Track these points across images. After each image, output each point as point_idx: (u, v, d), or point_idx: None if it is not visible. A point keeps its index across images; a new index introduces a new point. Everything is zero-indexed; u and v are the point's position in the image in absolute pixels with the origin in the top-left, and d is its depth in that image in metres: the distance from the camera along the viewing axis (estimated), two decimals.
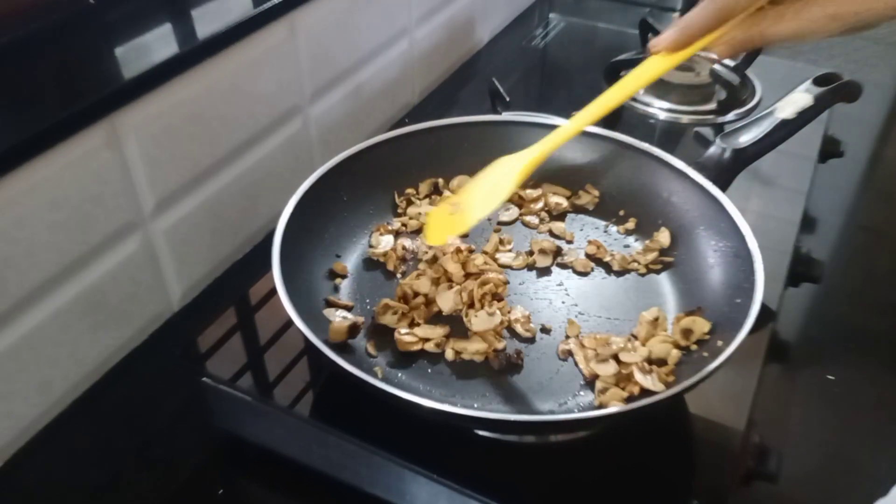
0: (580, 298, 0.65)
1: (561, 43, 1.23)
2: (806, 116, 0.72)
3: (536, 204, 0.74)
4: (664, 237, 0.69)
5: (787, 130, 0.72)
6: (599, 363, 0.57)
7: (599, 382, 0.56)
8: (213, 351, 0.61)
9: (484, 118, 0.77)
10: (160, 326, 0.73)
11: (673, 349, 0.58)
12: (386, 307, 0.62)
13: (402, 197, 0.74)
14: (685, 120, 0.99)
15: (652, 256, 0.67)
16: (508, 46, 1.23)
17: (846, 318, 0.77)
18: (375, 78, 0.96)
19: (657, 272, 0.67)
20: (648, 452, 0.56)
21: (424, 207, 0.74)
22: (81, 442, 0.64)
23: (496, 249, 0.70)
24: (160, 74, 0.65)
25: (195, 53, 0.68)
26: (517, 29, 1.28)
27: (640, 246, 0.70)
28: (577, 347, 0.60)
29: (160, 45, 0.68)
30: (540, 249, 0.69)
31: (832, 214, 0.91)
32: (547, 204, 0.75)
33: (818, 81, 0.74)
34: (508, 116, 0.86)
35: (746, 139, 0.72)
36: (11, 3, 0.64)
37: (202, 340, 0.62)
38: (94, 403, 0.66)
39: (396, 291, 0.64)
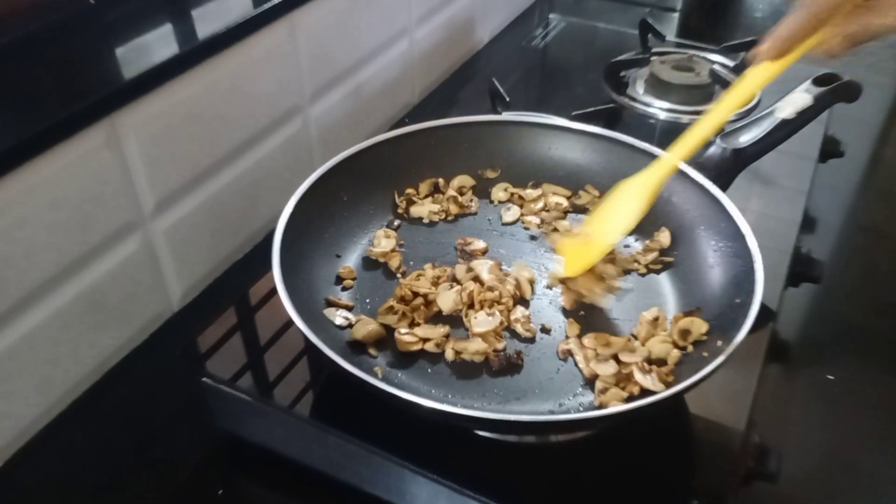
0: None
1: (561, 43, 1.23)
2: (806, 116, 0.72)
3: (536, 204, 0.74)
4: (664, 237, 0.69)
5: (787, 130, 0.72)
6: (599, 363, 0.57)
7: (599, 382, 0.57)
8: (213, 351, 0.61)
9: (484, 118, 0.77)
10: (160, 326, 0.73)
11: (672, 349, 0.58)
12: (388, 308, 0.62)
13: (402, 197, 0.74)
14: (685, 120, 0.98)
15: (652, 256, 0.67)
16: (508, 46, 1.23)
17: (846, 318, 0.77)
18: (375, 78, 0.96)
19: (657, 272, 0.67)
20: (648, 452, 0.56)
21: (427, 207, 0.74)
22: (81, 442, 0.64)
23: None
24: (160, 74, 0.65)
25: (195, 53, 0.68)
26: (517, 29, 1.28)
27: (640, 246, 0.70)
28: (577, 347, 0.60)
29: (160, 45, 0.68)
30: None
31: (832, 214, 0.91)
32: (547, 204, 0.75)
33: (818, 81, 0.74)
34: (508, 116, 0.86)
35: (746, 139, 0.72)
36: (11, 3, 0.64)
37: (202, 340, 0.62)
38: (94, 403, 0.66)
39: (396, 292, 0.64)
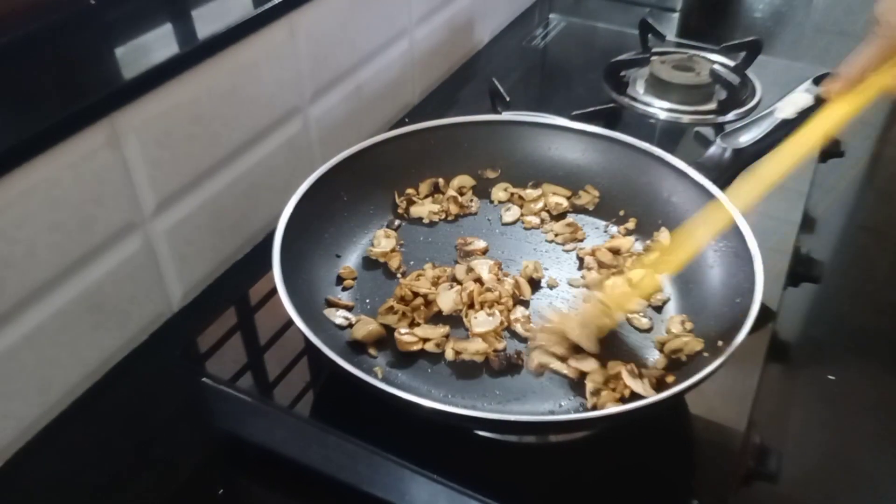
0: (580, 299, 0.65)
1: (561, 43, 1.23)
2: (806, 116, 0.72)
3: (536, 204, 0.74)
4: (664, 237, 0.69)
5: (787, 130, 0.72)
6: (578, 360, 0.57)
7: (589, 383, 0.56)
8: (213, 351, 0.61)
9: (484, 118, 0.77)
10: (160, 326, 0.73)
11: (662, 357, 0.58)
12: (388, 308, 0.62)
13: (402, 197, 0.74)
14: (685, 120, 0.99)
15: (653, 256, 0.67)
16: (508, 46, 1.23)
17: (846, 318, 0.77)
18: (375, 78, 0.96)
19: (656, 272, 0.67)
20: (648, 452, 0.56)
21: (427, 207, 0.74)
22: (81, 442, 0.64)
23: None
24: (160, 74, 0.65)
25: (195, 54, 0.68)
26: (517, 29, 1.28)
27: (640, 246, 0.70)
28: (544, 355, 0.59)
29: (160, 45, 0.68)
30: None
31: (832, 214, 0.91)
32: (547, 204, 0.75)
33: (818, 81, 0.74)
34: (508, 116, 0.86)
35: (746, 139, 0.72)
36: (11, 3, 0.64)
37: (202, 340, 0.62)
38: (94, 403, 0.66)
39: (396, 292, 0.64)
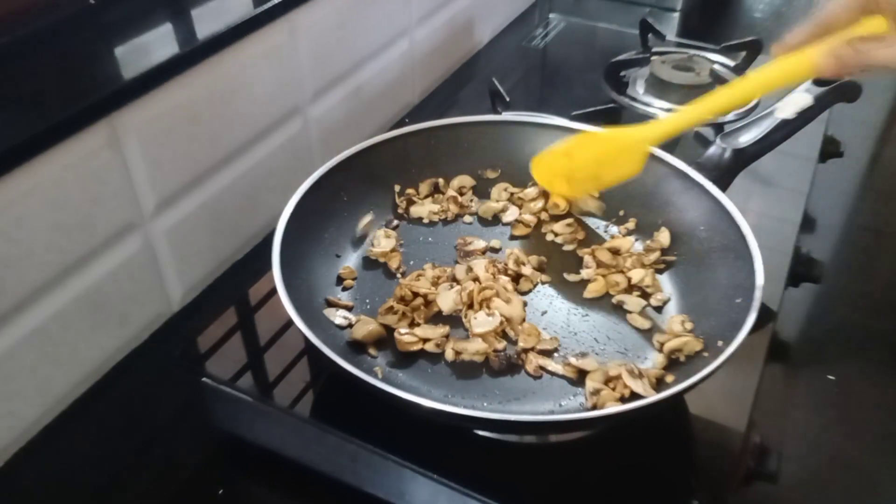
0: (581, 298, 0.66)
1: (561, 43, 1.23)
2: (806, 116, 0.72)
3: (536, 204, 0.74)
4: (664, 237, 0.69)
5: (787, 130, 0.72)
6: (577, 359, 0.58)
7: (589, 383, 0.56)
8: (213, 351, 0.61)
9: (484, 118, 0.77)
10: (160, 326, 0.73)
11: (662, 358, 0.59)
12: (388, 308, 0.62)
13: (402, 197, 0.74)
14: None
15: (654, 257, 0.67)
16: (508, 46, 1.23)
17: (846, 318, 0.77)
18: (375, 78, 0.96)
19: (658, 272, 0.67)
20: (648, 452, 0.56)
21: (427, 207, 0.74)
22: (81, 442, 0.64)
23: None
24: (160, 74, 0.65)
25: (195, 53, 0.68)
26: (517, 29, 1.28)
27: (640, 246, 0.70)
28: (540, 357, 0.59)
29: (160, 45, 0.68)
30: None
31: (832, 214, 0.91)
32: (547, 204, 0.75)
33: (818, 81, 0.74)
34: (508, 116, 0.86)
35: (746, 139, 0.72)
36: (11, 3, 0.64)
37: (202, 340, 0.62)
38: (94, 403, 0.66)
39: (396, 292, 0.64)
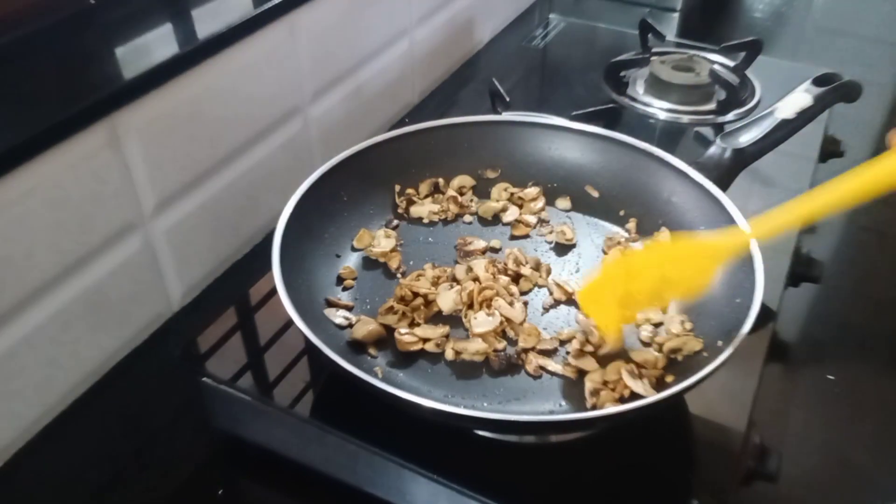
0: None
1: (561, 43, 1.23)
2: (806, 116, 0.72)
3: (536, 203, 0.74)
4: (664, 237, 0.69)
5: (787, 130, 0.72)
6: (575, 359, 0.58)
7: (589, 383, 0.56)
8: (213, 351, 0.61)
9: (484, 118, 0.77)
10: (160, 326, 0.73)
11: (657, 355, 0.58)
12: (388, 308, 0.62)
13: (402, 197, 0.74)
14: (685, 120, 0.99)
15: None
16: (508, 46, 1.23)
17: (846, 318, 0.77)
18: (375, 78, 0.96)
19: None
20: (648, 452, 0.56)
21: (427, 207, 0.74)
22: (82, 442, 0.64)
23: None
24: (160, 74, 0.65)
25: (195, 53, 0.68)
26: (517, 29, 1.28)
27: (640, 246, 0.70)
28: (539, 357, 0.59)
29: (160, 45, 0.68)
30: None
31: (832, 214, 0.91)
32: (546, 204, 0.75)
33: (818, 81, 0.74)
34: (508, 116, 0.86)
35: (746, 139, 0.72)
36: (11, 3, 0.64)
37: (202, 340, 0.62)
38: (94, 403, 0.66)
39: (396, 292, 0.64)
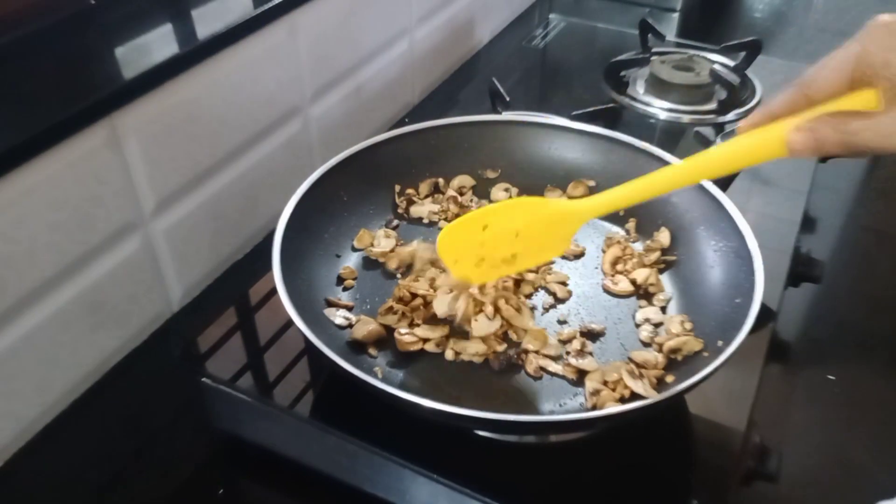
0: (582, 299, 0.66)
1: (561, 43, 1.23)
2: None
3: None
4: (664, 237, 0.69)
5: None
6: (576, 358, 0.58)
7: (589, 383, 0.56)
8: (213, 351, 0.61)
9: (484, 118, 0.77)
10: (160, 326, 0.73)
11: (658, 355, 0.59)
12: (387, 309, 0.62)
13: (402, 197, 0.74)
14: (685, 120, 0.99)
15: (654, 256, 0.67)
16: (508, 46, 1.23)
17: (846, 318, 0.77)
18: (375, 78, 0.96)
19: (658, 272, 0.67)
20: (648, 452, 0.56)
21: (427, 207, 0.74)
22: (81, 442, 0.64)
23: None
24: (160, 74, 0.65)
25: (195, 53, 0.68)
26: (517, 29, 1.28)
27: (640, 246, 0.70)
28: (541, 359, 0.59)
29: (160, 45, 0.68)
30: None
31: (832, 214, 0.91)
32: None
33: None
34: (508, 116, 0.86)
35: None
36: (11, 3, 0.64)
37: (202, 340, 0.62)
38: (94, 403, 0.66)
39: (395, 293, 0.64)
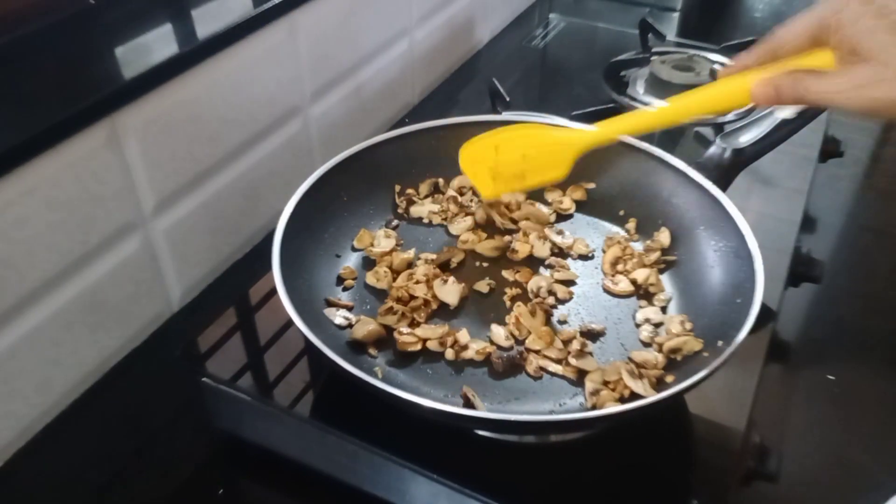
0: (582, 299, 0.66)
1: (561, 43, 1.23)
2: (806, 116, 0.72)
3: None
4: (664, 237, 0.69)
5: (787, 130, 0.72)
6: (576, 359, 0.58)
7: (589, 383, 0.56)
8: (213, 351, 0.61)
9: (484, 118, 0.77)
10: (160, 326, 0.73)
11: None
12: (387, 309, 0.62)
13: (402, 197, 0.74)
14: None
15: (654, 256, 0.67)
16: (508, 46, 1.23)
17: (846, 318, 0.77)
18: (375, 78, 0.96)
19: (658, 272, 0.67)
20: (648, 452, 0.56)
21: (427, 207, 0.74)
22: (81, 442, 0.64)
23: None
24: (160, 74, 0.65)
25: (195, 53, 0.68)
26: (517, 29, 1.28)
27: (640, 246, 0.70)
28: (541, 359, 0.59)
29: (160, 45, 0.68)
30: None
31: (832, 214, 0.91)
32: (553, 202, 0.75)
33: None
34: (508, 116, 0.86)
35: (746, 139, 0.72)
36: (11, 3, 0.64)
37: (202, 340, 0.62)
38: (94, 403, 0.66)
39: (392, 293, 0.63)
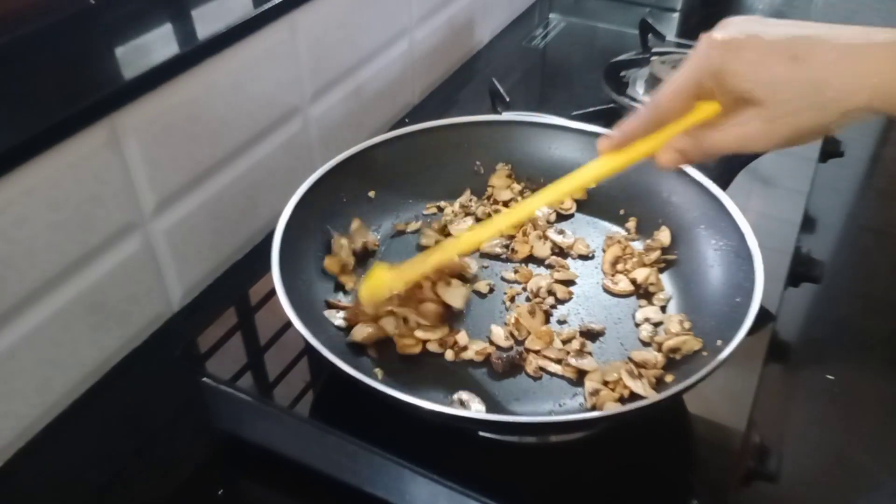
0: (581, 299, 0.66)
1: (561, 43, 1.23)
2: None
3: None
4: (664, 236, 0.69)
5: None
6: (575, 359, 0.58)
7: (589, 383, 0.56)
8: (213, 351, 0.61)
9: (484, 118, 0.77)
10: (160, 326, 0.73)
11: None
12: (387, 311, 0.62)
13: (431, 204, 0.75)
14: None
15: (654, 256, 0.67)
16: (508, 46, 1.23)
17: (846, 318, 0.77)
18: (375, 78, 0.96)
19: (658, 272, 0.67)
20: (648, 452, 0.56)
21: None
22: (81, 442, 0.64)
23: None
24: (160, 74, 0.65)
25: (195, 53, 0.68)
26: (517, 29, 1.28)
27: (640, 245, 0.70)
28: (540, 359, 0.59)
29: (160, 45, 0.68)
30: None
31: (832, 214, 0.91)
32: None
33: None
34: (508, 116, 0.86)
35: None
36: (11, 3, 0.64)
37: (202, 340, 0.62)
38: (94, 403, 0.66)
39: (395, 302, 0.63)
